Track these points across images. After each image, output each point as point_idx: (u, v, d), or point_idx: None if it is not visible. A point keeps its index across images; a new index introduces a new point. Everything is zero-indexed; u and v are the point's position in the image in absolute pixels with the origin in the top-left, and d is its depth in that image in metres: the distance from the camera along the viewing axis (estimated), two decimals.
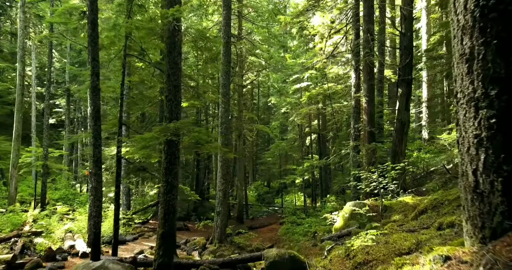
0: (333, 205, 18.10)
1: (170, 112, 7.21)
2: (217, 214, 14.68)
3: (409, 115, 13.06)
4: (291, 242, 16.54)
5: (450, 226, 3.58)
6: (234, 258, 8.52)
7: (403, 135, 12.68)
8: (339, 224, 9.11)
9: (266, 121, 38.95)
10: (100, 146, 8.65)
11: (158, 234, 7.00)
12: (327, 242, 7.81)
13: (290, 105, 25.87)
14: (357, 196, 12.90)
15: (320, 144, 25.42)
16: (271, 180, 37.78)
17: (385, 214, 8.33)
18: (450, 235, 3.30)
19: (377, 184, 8.97)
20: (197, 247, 13.88)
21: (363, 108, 13.31)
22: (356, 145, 13.38)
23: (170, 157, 7.13)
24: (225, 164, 14.77)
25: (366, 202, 9.14)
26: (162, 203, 7.08)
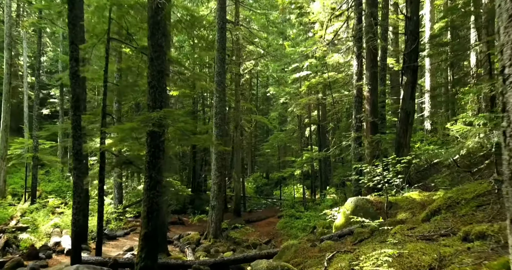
0: (333, 198, 17.49)
1: (153, 100, 6.50)
2: (212, 208, 14.06)
3: (414, 104, 12.33)
4: (289, 237, 15.94)
5: (481, 237, 2.92)
6: (226, 259, 7.89)
7: (408, 125, 11.97)
8: (340, 222, 8.46)
9: (265, 112, 38.21)
10: (80, 137, 7.95)
11: (141, 234, 6.35)
12: (326, 242, 7.15)
13: (289, 95, 25.09)
14: (359, 190, 12.24)
15: (320, 135, 24.73)
16: (270, 172, 37.19)
17: (390, 211, 7.66)
18: (483, 251, 2.64)
19: (381, 178, 8.29)
20: (191, 243, 13.27)
21: (365, 97, 12.57)
22: (358, 137, 12.68)
23: (154, 150, 6.44)
24: (220, 157, 14.09)
25: (369, 198, 8.47)
26: (145, 201, 6.41)
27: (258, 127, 38.47)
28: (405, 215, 7.05)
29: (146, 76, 6.64)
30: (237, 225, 16.11)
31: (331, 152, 14.48)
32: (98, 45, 9.84)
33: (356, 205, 8.21)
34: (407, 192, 8.82)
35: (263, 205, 28.99)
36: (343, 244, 6.85)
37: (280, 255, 7.20)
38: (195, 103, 26.46)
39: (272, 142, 26.68)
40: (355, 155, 12.61)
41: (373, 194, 9.36)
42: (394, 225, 6.30)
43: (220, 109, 14.14)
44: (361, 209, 8.07)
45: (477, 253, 2.62)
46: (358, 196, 8.59)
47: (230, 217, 20.74)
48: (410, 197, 8.03)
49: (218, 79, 14.12)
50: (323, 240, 7.48)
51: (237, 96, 21.25)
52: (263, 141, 34.87)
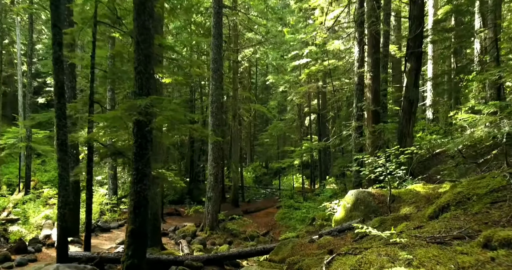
0: (332, 188, 17.12)
1: (139, 87, 6.02)
2: (208, 199, 13.69)
3: (418, 92, 11.84)
4: (288, 229, 15.63)
5: (506, 245, 2.49)
6: (220, 254, 7.51)
7: (411, 114, 11.50)
8: (340, 215, 8.07)
9: (264, 101, 37.65)
10: (65, 127, 7.49)
11: (127, 230, 5.95)
12: (325, 237, 6.77)
13: (288, 83, 24.53)
14: (359, 182, 11.85)
15: (320, 125, 24.26)
16: (270, 161, 36.83)
17: (393, 205, 7.26)
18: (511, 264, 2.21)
19: (384, 169, 7.87)
20: (186, 235, 12.93)
21: (367, 85, 12.09)
22: (359, 126, 12.23)
23: (141, 140, 5.99)
24: (217, 147, 13.66)
25: (370, 190, 8.06)
26: (131, 195, 6.00)
27: (258, 116, 37.95)
28: (409, 209, 6.64)
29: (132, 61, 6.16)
30: (234, 217, 15.77)
31: (331, 142, 14.05)
32: (86, 30, 9.34)
33: (356, 198, 7.81)
34: (410, 184, 8.41)
35: (262, 195, 28.69)
36: (343, 240, 6.46)
37: (276, 251, 6.82)
38: (193, 91, 25.92)
39: (271, 131, 26.19)
40: (356, 145, 12.17)
41: (375, 186, 8.96)
42: (398, 221, 5.89)
43: (216, 97, 13.66)
44: (362, 203, 7.67)
45: (505, 267, 2.20)
46: (359, 189, 8.18)
47: (228, 207, 20.43)
48: (414, 190, 7.62)
49: (214, 66, 13.60)
50: (322, 235, 7.09)
51: (235, 84, 20.72)
52: (263, 131, 34.38)
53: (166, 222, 15.91)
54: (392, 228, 5.10)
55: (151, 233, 10.60)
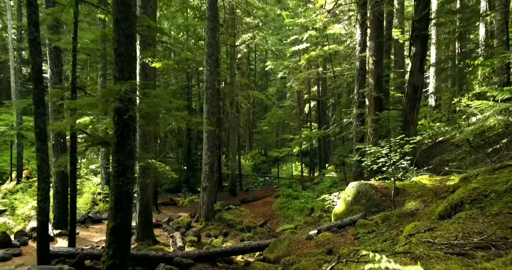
0: (332, 178, 16.65)
1: (120, 71, 5.44)
2: (204, 189, 13.22)
3: (423, 78, 11.25)
4: (286, 219, 15.21)
5: None
6: (212, 251, 7.04)
7: (416, 101, 10.93)
8: (340, 209, 7.57)
9: (263, 88, 36.94)
10: (43, 115, 6.93)
11: (108, 228, 5.45)
12: (324, 234, 6.28)
13: (287, 69, 23.82)
14: (360, 172, 11.35)
15: (320, 112, 23.68)
16: (269, 149, 36.34)
17: (397, 199, 6.75)
18: None
19: (387, 160, 7.34)
20: (181, 226, 12.50)
21: (369, 70, 11.47)
22: (360, 114, 11.65)
23: (122, 129, 5.44)
24: (212, 135, 13.12)
25: (372, 182, 7.55)
26: (112, 189, 5.48)
27: (257, 104, 37.32)
28: (415, 204, 6.14)
29: (112, 41, 5.56)
30: (231, 207, 15.33)
31: (331, 130, 13.50)
32: (68, 10, 8.68)
33: (358, 191, 7.30)
34: (414, 175, 7.90)
35: (260, 183, 28.28)
36: (344, 237, 5.97)
37: (271, 249, 6.35)
38: (189, 78, 25.23)
39: (270, 119, 25.64)
40: (357, 133, 11.63)
41: (377, 177, 8.45)
42: (404, 218, 5.40)
43: (211, 83, 13.04)
44: (364, 196, 7.17)
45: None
46: (361, 181, 7.67)
47: (225, 196, 20.01)
48: (419, 182, 7.10)
49: (209, 50, 12.94)
50: (321, 231, 6.60)
51: (232, 70, 20.04)
52: (262, 118, 33.79)
53: (161, 212, 15.48)
54: (397, 229, 4.61)
55: (143, 225, 10.17)
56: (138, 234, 10.16)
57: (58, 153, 10.73)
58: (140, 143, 10.11)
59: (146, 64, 9.78)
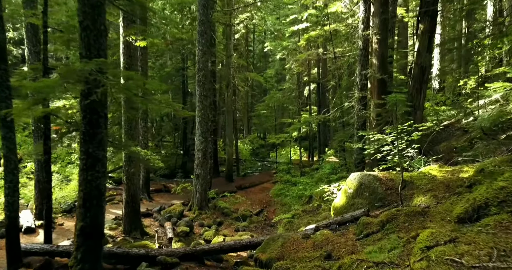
0: (331, 164, 15.99)
1: (86, 47, 4.66)
2: (197, 177, 12.58)
3: (431, 58, 10.43)
4: (283, 207, 14.62)
5: None
6: (198, 249, 6.40)
7: (423, 83, 10.17)
8: (340, 202, 6.91)
9: (262, 70, 35.94)
10: (8, 99, 6.18)
11: (76, 228, 4.80)
12: (323, 232, 5.63)
13: (286, 50, 22.86)
14: (361, 159, 10.67)
15: (320, 95, 22.85)
16: (268, 133, 35.64)
17: (404, 192, 6.07)
18: None
19: (393, 148, 6.62)
20: (173, 215, 11.90)
21: (373, 49, 10.63)
22: (362, 97, 10.88)
23: (90, 116, 4.71)
24: (205, 120, 12.37)
25: (376, 173, 6.86)
26: (81, 184, 4.80)
27: (256, 86, 36.40)
28: (425, 199, 5.46)
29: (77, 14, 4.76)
30: (226, 194, 14.72)
31: (331, 114, 12.74)
32: None
33: (360, 183, 6.62)
34: (422, 165, 7.21)
35: (258, 168, 27.70)
36: (344, 236, 5.32)
37: (264, 248, 5.70)
38: (184, 59, 24.28)
39: (268, 102, 24.81)
40: (359, 118, 10.88)
41: (380, 167, 7.75)
42: (414, 218, 4.72)
43: (203, 64, 12.21)
44: (367, 188, 6.49)
45: None
46: (363, 172, 6.98)
47: (221, 182, 19.43)
48: (428, 174, 6.41)
49: (201, 29, 12.05)
50: (318, 228, 5.95)
51: (228, 51, 19.12)
52: (261, 101, 32.94)
53: (153, 200, 14.89)
54: (407, 232, 3.93)
55: (129, 216, 9.56)
56: (125, 226, 9.56)
57: (38, 140, 10.01)
58: (125, 129, 9.39)
59: (130, 43, 8.96)
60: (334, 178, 13.98)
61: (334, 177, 14.02)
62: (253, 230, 11.84)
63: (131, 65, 9.25)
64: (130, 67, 9.25)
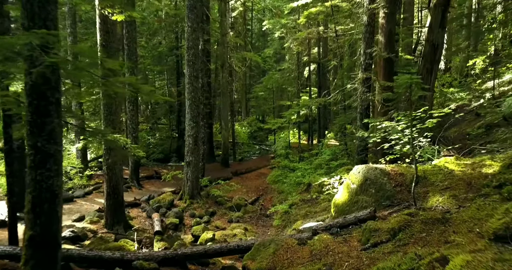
0: (332, 149, 15.14)
1: (29, 17, 3.73)
2: (188, 164, 11.77)
3: (444, 34, 9.42)
4: (280, 195, 13.86)
5: None
6: (180, 253, 5.62)
7: (434, 63, 9.21)
8: (342, 199, 6.08)
9: (261, 49, 34.63)
10: None
11: (24, 239, 4.00)
12: (321, 237, 4.83)
13: (285, 28, 21.64)
14: (364, 146, 9.80)
15: (320, 76, 21.81)
16: (266, 115, 34.64)
17: (416, 190, 5.23)
18: None
19: (401, 136, 5.75)
20: (162, 205, 11.15)
21: (379, 25, 9.60)
22: (367, 78, 9.91)
23: (38, 102, 3.83)
24: (195, 103, 11.45)
25: (383, 167, 6.00)
26: (29, 186, 3.97)
27: (255, 67, 35.22)
28: (443, 200, 4.63)
29: None
30: (219, 182, 13.94)
31: (332, 97, 11.80)
32: None
33: (365, 177, 5.77)
34: (435, 157, 6.34)
35: (256, 151, 26.92)
36: (347, 244, 4.52)
37: (254, 255, 4.91)
38: (178, 38, 23.07)
39: (266, 83, 23.73)
40: (362, 101, 9.95)
41: (387, 158, 6.89)
42: (432, 228, 3.89)
43: (193, 42, 11.18)
44: (373, 184, 5.65)
45: None
46: (369, 165, 6.11)
47: (217, 168, 18.66)
48: (444, 167, 5.56)
49: (190, 3, 10.97)
50: (317, 232, 5.14)
51: (223, 29, 17.98)
52: (259, 82, 31.84)
53: (143, 187, 14.12)
54: (425, 246, 3.09)
55: (111, 209, 8.79)
56: (107, 219, 8.80)
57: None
58: (104, 114, 8.50)
59: (106, 17, 7.96)
60: (334, 165, 13.18)
61: (335, 163, 13.21)
62: (248, 221, 11.12)
63: (109, 42, 8.28)
64: (108, 45, 8.28)
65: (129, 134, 13.52)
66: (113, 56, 8.39)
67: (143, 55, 21.70)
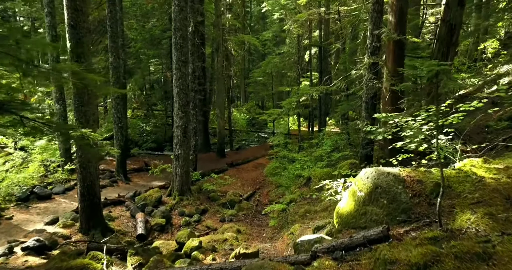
0: (333, 139, 14.11)
1: None
2: (176, 158, 10.82)
3: (462, 13, 8.29)
4: (278, 189, 12.94)
5: None
6: None
7: (450, 46, 8.12)
8: (348, 208, 5.12)
9: (260, 32, 33.26)
10: None
11: None
12: (322, 262, 3.89)
13: (285, 9, 20.35)
14: (370, 139, 8.78)
15: (321, 60, 20.64)
16: (266, 100, 33.52)
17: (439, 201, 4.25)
18: None
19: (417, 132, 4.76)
20: (148, 203, 10.24)
21: (389, 2, 8.46)
22: (374, 63, 8.83)
23: None
24: (184, 91, 10.41)
25: (397, 171, 4.99)
26: None
27: (255, 51, 33.93)
28: (476, 220, 3.65)
29: None
30: (212, 175, 12.98)
31: (334, 85, 10.71)
32: None
33: (375, 184, 4.79)
34: (458, 158, 5.33)
35: (255, 139, 25.96)
36: None
37: None
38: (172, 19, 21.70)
39: (265, 68, 22.56)
40: (368, 89, 8.89)
41: (400, 157, 5.90)
42: (472, 264, 2.92)
43: (180, 23, 10.06)
44: (385, 193, 4.68)
45: None
46: (379, 168, 5.10)
47: (212, 158, 17.73)
48: (471, 174, 4.57)
49: None
50: (317, 255, 4.18)
51: (218, 9, 16.74)
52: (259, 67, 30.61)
53: (131, 181, 13.18)
54: None
55: (87, 212, 7.87)
56: (82, 224, 7.90)
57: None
58: (75, 105, 7.49)
59: None
60: (336, 157, 12.20)
61: (336, 155, 12.23)
62: (242, 220, 10.24)
63: (78, 22, 7.18)
64: (77, 25, 7.19)
65: (115, 124, 12.50)
66: (83, 38, 7.31)
67: (134, 38, 20.46)
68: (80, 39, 7.25)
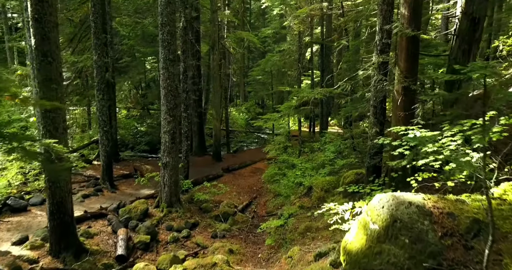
0: (336, 145, 13.11)
1: None
2: (164, 166, 9.87)
3: (487, 6, 7.28)
4: (276, 199, 11.99)
5: None
6: None
7: (473, 43, 7.13)
8: (358, 245, 4.14)
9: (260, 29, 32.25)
10: None
11: None
12: None
13: (285, 4, 19.35)
14: (379, 148, 7.81)
15: (323, 58, 19.65)
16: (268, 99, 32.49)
17: (475, 245, 3.28)
18: None
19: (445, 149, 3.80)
20: (132, 217, 9.27)
21: None
22: (383, 62, 7.84)
23: None
24: (172, 93, 9.43)
25: (421, 200, 3.98)
26: None
27: (255, 48, 32.88)
28: None
29: None
30: (205, 184, 11.99)
31: (339, 88, 9.68)
32: None
33: (393, 217, 3.81)
34: (493, 182, 4.32)
35: (254, 139, 24.99)
36: None
37: None
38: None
39: (264, 66, 21.53)
40: (377, 92, 7.90)
41: (419, 177, 4.92)
42: None
43: (168, 17, 9.07)
44: (406, 230, 3.69)
45: None
46: (396, 195, 4.09)
47: (207, 162, 16.76)
48: None
49: None
50: None
51: (214, 4, 15.73)
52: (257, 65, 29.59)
53: (117, 190, 12.19)
54: None
55: (57, 232, 6.91)
56: (52, 245, 6.96)
57: None
58: (42, 111, 6.51)
59: None
60: (339, 164, 11.22)
61: (340, 162, 11.25)
62: (236, 236, 9.28)
63: (43, 15, 6.20)
64: (42, 19, 6.21)
65: (99, 128, 11.54)
66: (50, 33, 6.33)
67: (125, 34, 19.47)
68: (46, 34, 6.28)
